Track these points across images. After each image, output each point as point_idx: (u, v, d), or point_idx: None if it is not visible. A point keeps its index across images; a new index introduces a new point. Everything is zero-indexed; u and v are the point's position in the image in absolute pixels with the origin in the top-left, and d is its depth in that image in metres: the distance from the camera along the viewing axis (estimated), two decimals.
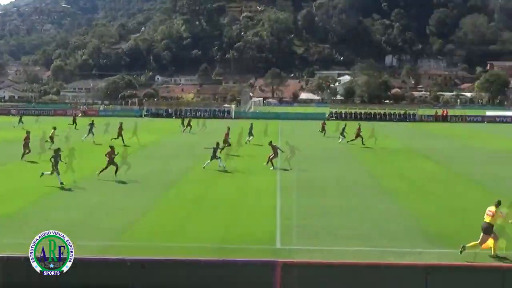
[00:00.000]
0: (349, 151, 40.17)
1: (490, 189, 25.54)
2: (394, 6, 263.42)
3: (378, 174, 29.33)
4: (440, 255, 15.32)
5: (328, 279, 12.30)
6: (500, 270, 12.29)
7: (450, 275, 12.28)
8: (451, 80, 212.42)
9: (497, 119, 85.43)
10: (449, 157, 37.29)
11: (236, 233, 17.44)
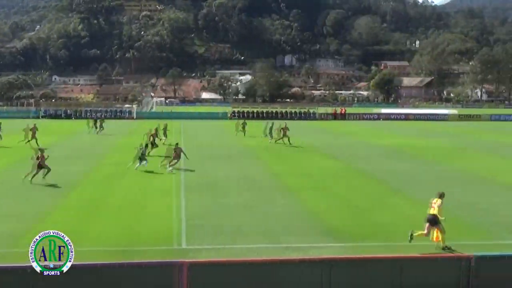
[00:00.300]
0: (252, 150, 40.56)
1: (387, 184, 26.66)
2: (292, 7, 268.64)
3: (280, 172, 29.79)
4: (341, 248, 15.79)
5: (234, 277, 12.37)
6: (398, 260, 12.81)
7: (352, 268, 12.67)
8: (348, 79, 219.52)
9: (391, 116, 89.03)
10: (348, 154, 38.44)
11: (140, 235, 17.18)
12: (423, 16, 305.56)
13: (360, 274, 12.55)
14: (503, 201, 22.78)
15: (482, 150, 43.07)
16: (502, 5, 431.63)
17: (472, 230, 18.35)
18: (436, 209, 15.82)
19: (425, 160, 35.86)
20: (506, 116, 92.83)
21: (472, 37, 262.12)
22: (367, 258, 13.00)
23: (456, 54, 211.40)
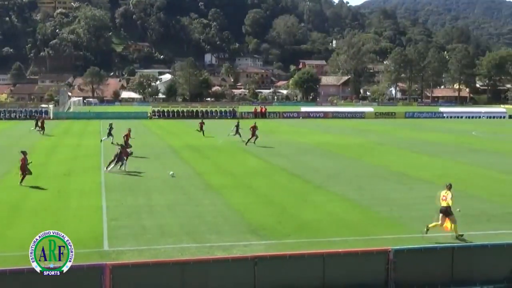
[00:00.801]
0: (175, 149, 40.30)
1: (309, 181, 27.11)
2: (210, 6, 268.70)
3: (203, 171, 29.74)
4: (265, 246, 15.94)
5: (159, 278, 12.27)
6: (321, 256, 13.06)
7: (276, 265, 12.81)
8: (268, 78, 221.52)
9: (311, 114, 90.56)
10: (270, 152, 38.80)
11: None
12: (339, 16, 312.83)
13: (284, 271, 12.72)
14: (419, 196, 23.62)
15: (398, 146, 44.47)
16: (413, 7, 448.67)
17: (389, 224, 18.92)
18: (448, 200, 16.82)
19: (345, 157, 36.71)
20: (419, 113, 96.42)
21: (386, 37, 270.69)
22: (291, 255, 13.18)
23: (371, 53, 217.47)
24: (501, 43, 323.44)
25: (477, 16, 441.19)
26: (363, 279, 12.97)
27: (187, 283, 12.33)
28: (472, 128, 65.65)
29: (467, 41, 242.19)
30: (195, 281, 12.35)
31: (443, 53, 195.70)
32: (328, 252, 13.43)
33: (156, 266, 12.57)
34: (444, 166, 32.35)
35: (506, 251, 13.73)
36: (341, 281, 12.85)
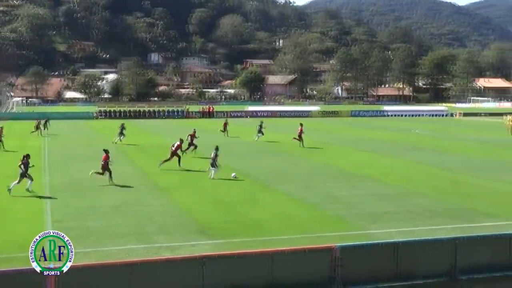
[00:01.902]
0: (122, 150, 39.80)
1: (257, 180, 27.26)
2: (156, 5, 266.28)
3: (151, 171, 29.52)
4: (213, 245, 15.95)
5: (105, 281, 12.16)
6: (268, 254, 13.17)
7: (224, 264, 12.86)
8: (214, 77, 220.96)
9: (258, 113, 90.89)
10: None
11: (3, 241, 16.35)
12: (285, 16, 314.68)
13: (232, 270, 12.78)
14: (364, 193, 24.06)
15: (344, 144, 45.13)
16: (358, 7, 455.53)
17: (335, 221, 19.21)
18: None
19: (292, 156, 37.02)
20: (364, 112, 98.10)
21: (331, 37, 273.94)
22: (239, 254, 13.25)
23: (317, 53, 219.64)
24: (442, 43, 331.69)
25: (419, 17, 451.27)
26: (310, 277, 13.15)
27: (135, 284, 12.25)
28: (414, 126, 67.14)
29: (409, 41, 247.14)
30: (143, 282, 12.29)
31: (386, 53, 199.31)
32: (275, 250, 13.56)
33: (102, 268, 12.46)
34: (389, 164, 33.02)
35: (447, 246, 14.12)
36: (289, 279, 13.00)
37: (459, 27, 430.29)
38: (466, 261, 14.04)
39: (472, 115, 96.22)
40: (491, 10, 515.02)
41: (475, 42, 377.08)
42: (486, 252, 14.35)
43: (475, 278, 13.91)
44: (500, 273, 14.14)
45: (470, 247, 14.22)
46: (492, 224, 18.48)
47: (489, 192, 24.62)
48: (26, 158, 23.53)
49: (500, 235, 15.02)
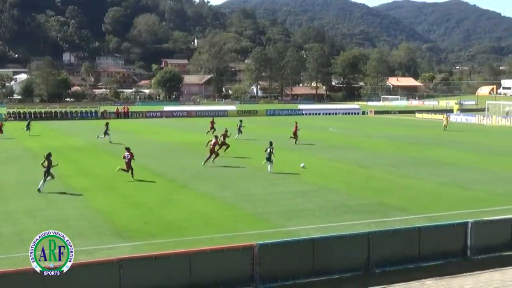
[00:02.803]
0: (32, 152, 38.56)
1: (174, 180, 27.06)
2: (68, 3, 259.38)
3: (64, 174, 28.66)
4: (131, 247, 15.71)
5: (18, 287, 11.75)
6: (187, 255, 13.09)
7: (142, 266, 12.67)
8: (130, 77, 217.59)
9: (174, 113, 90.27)
10: (134, 152, 38.09)
11: None
12: (201, 15, 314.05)
13: (150, 272, 12.62)
14: (282, 191, 24.35)
15: (261, 143, 45.49)
16: (272, 7, 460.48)
17: (254, 220, 19.35)
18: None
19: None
20: (280, 111, 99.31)
21: (246, 37, 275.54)
22: (157, 255, 13.09)
23: (232, 52, 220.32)
24: (353, 43, 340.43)
25: (332, 17, 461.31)
26: (230, 275, 13.17)
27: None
28: (329, 124, 68.58)
29: (322, 41, 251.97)
30: (57, 286, 11.92)
31: (301, 52, 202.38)
32: (194, 250, 13.49)
33: (14, 275, 12.00)
34: (304, 162, 33.50)
35: (362, 240, 14.49)
36: (208, 278, 12.97)
37: (370, 28, 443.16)
38: (380, 254, 14.46)
39: (383, 113, 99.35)
40: (400, 11, 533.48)
41: (385, 42, 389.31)
42: (398, 245, 14.84)
43: (389, 270, 14.34)
44: (413, 265, 14.65)
45: (383, 241, 14.65)
46: (403, 218, 19.14)
47: (400, 187, 25.50)
48: (49, 157, 24.24)
49: (410, 228, 15.55)
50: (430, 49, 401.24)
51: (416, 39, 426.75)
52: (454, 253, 15.37)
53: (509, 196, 23.37)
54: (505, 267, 14.58)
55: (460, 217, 18.12)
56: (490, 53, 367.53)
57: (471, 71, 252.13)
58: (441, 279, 13.69)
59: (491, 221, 16.32)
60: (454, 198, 22.99)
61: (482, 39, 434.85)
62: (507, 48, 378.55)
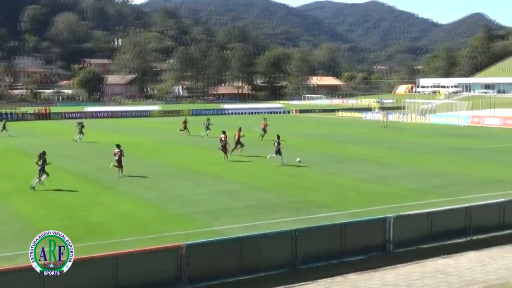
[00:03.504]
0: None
1: (98, 182, 26.63)
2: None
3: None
4: None
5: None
6: (113, 257, 12.93)
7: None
8: (49, 78, 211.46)
9: (97, 114, 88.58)
10: (55, 154, 37.08)
11: None
12: (122, 14, 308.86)
13: (75, 276, 12.36)
14: (207, 191, 24.39)
15: (186, 143, 45.37)
16: (195, 6, 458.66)
17: (181, 220, 19.31)
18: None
19: (134, 156, 36.42)
20: (204, 111, 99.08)
21: (169, 36, 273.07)
22: (81, 259, 12.85)
23: (155, 52, 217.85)
24: (276, 43, 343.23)
25: (254, 17, 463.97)
26: (157, 277, 13.10)
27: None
28: (253, 123, 68.91)
29: (245, 41, 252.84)
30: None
31: (224, 52, 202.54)
32: (120, 253, 13.34)
33: None
34: (231, 161, 33.66)
35: (287, 238, 14.72)
36: (135, 280, 12.86)
37: (292, 28, 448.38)
38: (305, 251, 14.75)
39: (306, 112, 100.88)
40: (321, 12, 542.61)
41: (307, 42, 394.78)
42: (322, 241, 15.18)
43: (314, 266, 14.65)
44: (337, 260, 15.03)
45: (308, 238, 14.94)
46: (327, 215, 19.58)
47: (324, 184, 26.06)
48: (43, 155, 24.80)
49: (334, 225, 15.93)
50: (350, 49, 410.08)
51: (337, 39, 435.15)
52: (376, 247, 15.87)
53: (426, 191, 24.33)
54: (423, 260, 15.18)
55: (380, 212, 18.71)
56: (406, 53, 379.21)
57: (389, 71, 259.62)
58: (363, 273, 14.12)
59: (410, 215, 16.93)
60: (374, 194, 23.70)
61: (399, 40, 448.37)
62: (422, 48, 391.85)
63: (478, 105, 79.30)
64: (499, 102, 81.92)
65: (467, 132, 55.59)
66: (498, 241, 16.87)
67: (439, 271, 14.16)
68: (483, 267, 14.49)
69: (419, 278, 13.66)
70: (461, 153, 38.38)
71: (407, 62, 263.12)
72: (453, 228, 17.09)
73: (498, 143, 45.55)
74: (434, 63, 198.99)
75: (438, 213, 17.13)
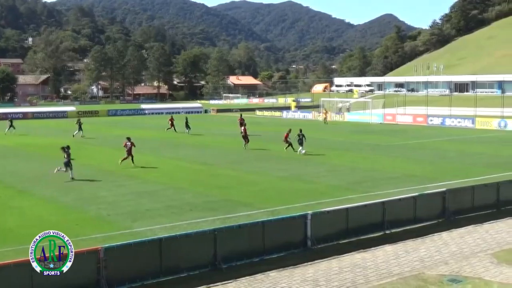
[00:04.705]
0: None
1: (11, 186, 25.69)
2: None
3: None
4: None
5: None
6: (28, 263, 12.51)
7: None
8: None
9: (8, 116, 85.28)
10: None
11: None
12: (35, 12, 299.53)
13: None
14: (125, 192, 24.03)
15: (103, 144, 44.58)
16: (111, 5, 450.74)
17: (98, 223, 18.92)
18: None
19: (49, 158, 35.45)
20: (122, 111, 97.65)
21: (84, 35, 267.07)
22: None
23: (70, 51, 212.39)
24: (194, 42, 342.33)
25: (172, 17, 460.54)
26: (75, 281, 12.77)
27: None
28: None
29: (163, 40, 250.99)
30: None
31: (141, 52, 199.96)
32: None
33: None
34: (148, 161, 33.27)
35: (208, 238, 14.71)
36: (53, 286, 12.49)
37: (210, 27, 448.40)
38: (227, 250, 14.78)
39: (225, 111, 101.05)
40: (238, 11, 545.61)
41: (225, 41, 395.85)
42: (243, 239, 15.27)
43: (235, 265, 14.70)
44: (258, 258, 15.14)
45: (229, 237, 14.99)
46: (248, 213, 19.70)
47: (244, 183, 26.23)
48: (68, 149, 27.29)
49: (254, 223, 16.05)
50: (268, 48, 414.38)
51: (255, 38, 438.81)
52: (296, 244, 16.11)
53: (344, 187, 24.92)
54: (342, 255, 15.54)
55: (300, 209, 19.01)
56: (322, 52, 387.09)
57: (306, 70, 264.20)
58: (284, 270, 14.30)
59: (328, 211, 17.28)
60: (294, 191, 24.05)
61: (315, 39, 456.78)
62: (337, 48, 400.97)
63: (391, 104, 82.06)
64: (411, 100, 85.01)
65: (381, 130, 57.34)
66: (412, 234, 17.49)
67: (356, 265, 14.54)
68: (398, 259, 14.99)
69: (337, 273, 13.97)
70: (375, 150, 39.56)
71: (323, 62, 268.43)
72: (369, 223, 17.59)
73: (409, 139, 47.24)
74: (349, 62, 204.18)
75: (354, 208, 17.59)
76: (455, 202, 19.70)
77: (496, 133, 52.47)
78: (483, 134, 51.28)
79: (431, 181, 25.52)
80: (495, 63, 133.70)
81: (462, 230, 18.04)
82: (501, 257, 14.76)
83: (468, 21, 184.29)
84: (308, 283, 13.26)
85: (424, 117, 66.43)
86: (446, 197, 19.51)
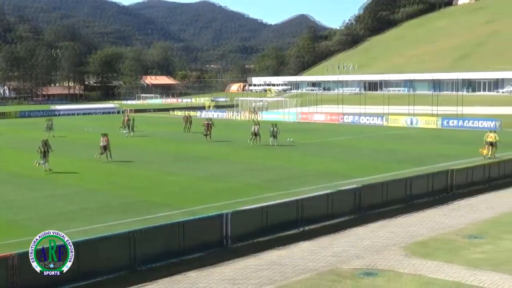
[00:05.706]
0: None
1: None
2: None
3: None
4: None
5: None
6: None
7: None
8: None
9: None
10: None
11: None
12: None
13: None
14: (39, 195, 23.38)
15: (11, 146, 43.17)
16: (21, 3, 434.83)
17: (12, 228, 18.34)
18: None
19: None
20: (33, 112, 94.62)
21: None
22: None
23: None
24: (108, 42, 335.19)
25: (85, 16, 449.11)
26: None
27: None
28: (86, 124, 67.09)
29: (76, 40, 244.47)
30: None
31: (53, 51, 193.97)
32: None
33: None
34: (63, 163, 32.38)
35: (125, 240, 14.54)
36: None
37: (124, 26, 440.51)
38: (144, 251, 14.66)
39: (141, 111, 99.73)
40: (152, 11, 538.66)
41: (139, 41, 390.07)
42: (162, 240, 15.21)
43: (154, 266, 14.62)
44: (176, 259, 15.12)
45: (147, 238, 14.88)
46: (166, 214, 19.62)
47: (162, 184, 26.08)
48: (47, 142, 29.55)
49: (172, 223, 16.00)
50: (183, 48, 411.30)
51: (169, 38, 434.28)
52: (214, 243, 16.19)
53: (261, 185, 25.25)
54: (259, 252, 15.75)
55: (218, 208, 19.11)
56: (238, 52, 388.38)
57: (222, 70, 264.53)
58: (203, 270, 14.35)
59: (245, 210, 17.48)
60: (212, 191, 24.15)
61: (231, 39, 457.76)
62: (252, 47, 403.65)
63: (305, 102, 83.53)
64: (324, 99, 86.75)
65: (296, 128, 58.24)
66: (327, 231, 17.95)
67: (274, 263, 14.77)
68: (314, 255, 15.34)
69: (255, 270, 14.15)
70: (290, 148, 40.23)
71: (238, 61, 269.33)
72: (286, 220, 17.91)
73: (324, 137, 48.37)
74: (264, 62, 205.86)
75: (271, 206, 17.87)
76: (368, 198, 20.40)
77: (405, 131, 54.57)
78: (394, 132, 53.21)
79: (345, 178, 26.28)
80: (404, 63, 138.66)
81: (374, 225, 18.68)
82: (412, 249, 15.37)
83: (378, 22, 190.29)
84: (226, 282, 13.37)
85: (338, 116, 68.09)
86: (359, 193, 20.16)
